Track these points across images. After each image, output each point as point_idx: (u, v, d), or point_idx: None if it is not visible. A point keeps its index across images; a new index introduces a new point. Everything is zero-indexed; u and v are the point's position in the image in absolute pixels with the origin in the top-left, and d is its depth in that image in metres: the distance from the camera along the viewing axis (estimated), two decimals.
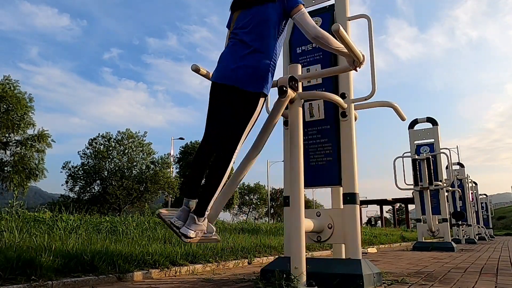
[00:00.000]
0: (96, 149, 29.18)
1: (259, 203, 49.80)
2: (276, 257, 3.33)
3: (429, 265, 4.32)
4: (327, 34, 2.24)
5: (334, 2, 3.10)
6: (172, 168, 31.92)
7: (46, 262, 2.49)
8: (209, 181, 2.20)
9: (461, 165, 13.76)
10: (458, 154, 28.41)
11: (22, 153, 22.99)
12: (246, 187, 49.19)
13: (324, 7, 3.17)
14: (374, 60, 2.79)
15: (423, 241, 8.06)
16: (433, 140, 8.42)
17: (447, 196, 9.14)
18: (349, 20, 2.99)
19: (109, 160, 28.96)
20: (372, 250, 7.19)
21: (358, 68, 2.39)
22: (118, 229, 5.16)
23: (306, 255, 2.30)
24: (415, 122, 8.69)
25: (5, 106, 21.86)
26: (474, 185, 15.70)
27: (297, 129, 2.42)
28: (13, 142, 23.03)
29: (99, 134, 30.38)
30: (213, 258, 3.93)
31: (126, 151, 29.49)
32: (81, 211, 6.86)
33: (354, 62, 2.36)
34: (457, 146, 41.73)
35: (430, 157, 7.83)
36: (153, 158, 30.28)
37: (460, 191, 11.97)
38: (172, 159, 31.95)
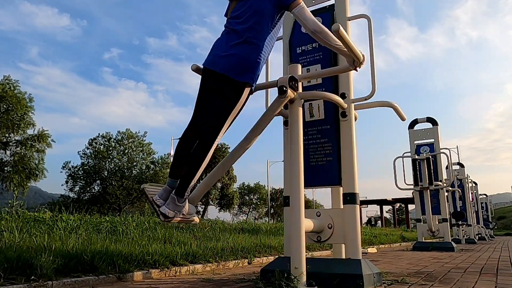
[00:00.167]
0: (96, 149, 29.20)
1: (259, 203, 49.78)
2: (276, 257, 3.33)
3: (429, 265, 4.32)
4: (326, 30, 2.24)
5: (334, 2, 3.10)
6: None
7: (46, 262, 2.49)
8: (190, 164, 2.27)
9: (461, 165, 13.76)
10: (458, 154, 28.43)
11: (22, 153, 23.00)
12: (246, 187, 49.18)
13: (324, 7, 3.17)
14: (374, 60, 2.79)
15: (423, 241, 8.06)
16: (433, 140, 8.42)
17: (447, 196, 9.14)
18: (349, 20, 2.99)
19: (109, 160, 28.99)
20: (372, 250, 7.19)
21: (358, 68, 2.39)
22: (118, 229, 5.16)
23: (306, 255, 2.30)
24: (415, 122, 8.69)
25: (5, 106, 21.87)
26: (474, 185, 15.70)
27: (297, 129, 2.42)
28: (13, 142, 23.04)
29: (99, 134, 30.46)
30: (213, 258, 3.94)
31: (126, 151, 29.51)
32: (81, 211, 6.86)
33: (354, 62, 2.36)
34: (457, 146, 41.74)
35: (430, 157, 7.83)
36: (153, 158, 30.34)
37: (460, 191, 11.97)
38: (172, 159, 31.98)
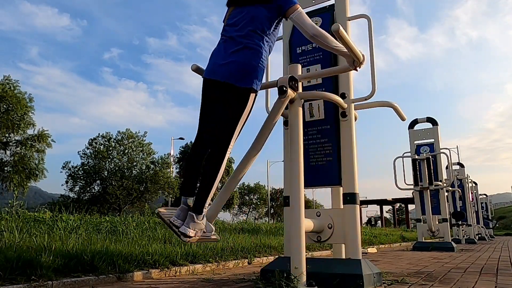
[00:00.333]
0: (96, 149, 29.16)
1: (259, 203, 49.77)
2: (276, 257, 3.33)
3: (429, 265, 4.32)
4: (325, 33, 2.24)
5: (334, 2, 3.10)
6: (172, 168, 31.93)
7: (46, 262, 2.49)
8: (205, 178, 2.21)
9: (461, 165, 13.76)
10: (458, 154, 28.43)
11: (22, 153, 22.98)
12: (246, 187, 49.16)
13: (324, 7, 3.17)
14: (374, 60, 2.79)
15: (423, 241, 8.06)
16: (433, 140, 8.42)
17: (447, 196, 9.14)
18: (349, 20, 2.99)
19: (109, 160, 28.95)
20: (372, 250, 7.19)
21: (358, 68, 2.39)
22: (118, 229, 5.16)
23: (306, 255, 2.30)
24: (415, 122, 8.69)
25: (5, 106, 21.85)
26: (474, 185, 15.70)
27: (297, 129, 2.42)
28: (13, 142, 23.02)
29: (99, 134, 30.38)
30: (213, 258, 3.93)
31: (126, 151, 29.47)
32: (81, 211, 6.86)
33: (354, 62, 2.36)
34: (457, 146, 41.75)
35: (430, 157, 7.83)
36: (153, 158, 30.27)
37: (460, 191, 11.97)
38: (172, 159, 31.95)
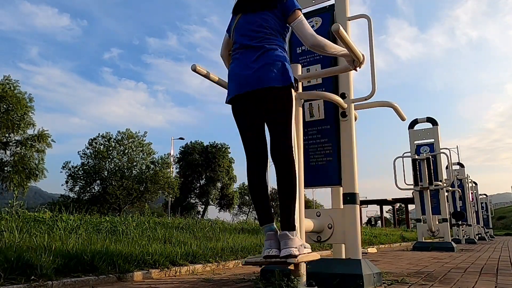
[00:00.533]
0: (96, 149, 29.16)
1: None
2: None
3: (429, 265, 4.32)
4: (324, 41, 2.20)
5: (334, 2, 3.09)
6: (172, 168, 31.94)
7: (46, 262, 2.49)
8: (284, 191, 2.03)
9: (461, 165, 13.76)
10: (458, 154, 28.38)
11: (22, 153, 22.98)
12: (246, 187, 49.19)
13: (324, 7, 3.17)
14: (374, 60, 2.79)
15: (423, 241, 8.06)
16: (433, 140, 8.42)
17: (447, 196, 9.14)
18: (349, 20, 2.99)
19: (109, 160, 28.95)
20: (372, 250, 7.19)
21: (358, 68, 2.38)
22: (118, 229, 5.16)
23: None
24: (415, 122, 8.69)
25: (5, 106, 21.85)
26: (474, 185, 15.69)
27: (297, 129, 2.42)
28: (13, 142, 23.02)
29: (99, 134, 30.38)
30: (213, 258, 3.94)
31: (126, 151, 29.47)
32: (81, 211, 6.86)
33: (354, 62, 2.35)
34: (457, 146, 41.75)
35: (430, 157, 7.82)
36: (153, 158, 30.27)
37: (460, 191, 11.97)
38: (172, 159, 31.96)
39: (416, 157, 7.89)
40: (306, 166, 2.75)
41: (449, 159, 9.13)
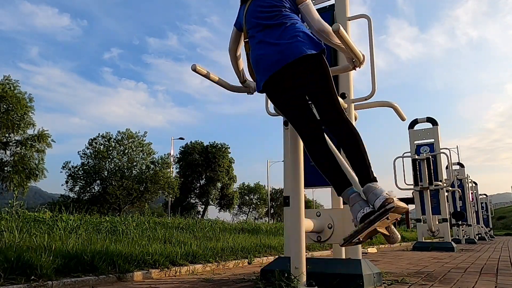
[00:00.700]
0: (96, 149, 29.18)
1: (259, 203, 49.80)
2: (276, 257, 3.32)
3: (429, 265, 4.32)
4: (330, 29, 2.20)
5: (334, 2, 3.09)
6: (172, 168, 31.95)
7: (46, 262, 2.49)
8: (356, 149, 1.97)
9: (461, 165, 13.77)
10: (458, 154, 28.42)
11: (22, 153, 22.99)
12: (246, 187, 49.20)
13: (324, 7, 3.17)
14: (374, 60, 2.79)
15: (423, 241, 8.06)
16: (433, 140, 8.42)
17: (447, 196, 9.14)
18: (349, 20, 2.99)
19: (109, 160, 28.96)
20: (372, 250, 7.19)
21: (358, 68, 2.38)
22: (118, 229, 5.16)
23: (306, 255, 2.30)
24: (415, 122, 8.69)
25: (5, 106, 21.86)
26: (474, 185, 15.70)
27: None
28: (13, 142, 23.03)
29: (99, 134, 30.41)
30: (213, 258, 3.94)
31: (126, 151, 29.48)
32: (81, 211, 6.87)
33: (354, 62, 2.35)
34: (457, 146, 41.74)
35: (430, 157, 7.83)
36: (153, 158, 30.28)
37: (460, 191, 11.98)
38: (172, 159, 31.97)
39: (416, 157, 7.90)
40: (306, 166, 2.75)
41: (449, 159, 9.14)
